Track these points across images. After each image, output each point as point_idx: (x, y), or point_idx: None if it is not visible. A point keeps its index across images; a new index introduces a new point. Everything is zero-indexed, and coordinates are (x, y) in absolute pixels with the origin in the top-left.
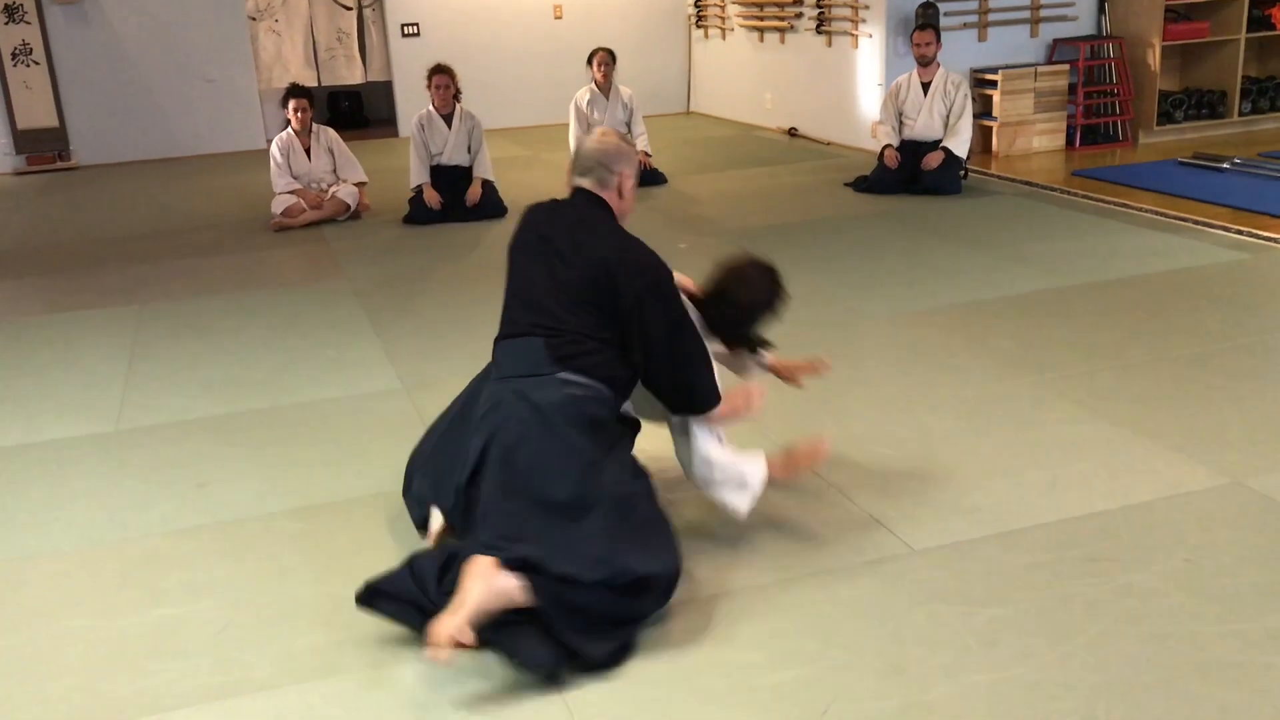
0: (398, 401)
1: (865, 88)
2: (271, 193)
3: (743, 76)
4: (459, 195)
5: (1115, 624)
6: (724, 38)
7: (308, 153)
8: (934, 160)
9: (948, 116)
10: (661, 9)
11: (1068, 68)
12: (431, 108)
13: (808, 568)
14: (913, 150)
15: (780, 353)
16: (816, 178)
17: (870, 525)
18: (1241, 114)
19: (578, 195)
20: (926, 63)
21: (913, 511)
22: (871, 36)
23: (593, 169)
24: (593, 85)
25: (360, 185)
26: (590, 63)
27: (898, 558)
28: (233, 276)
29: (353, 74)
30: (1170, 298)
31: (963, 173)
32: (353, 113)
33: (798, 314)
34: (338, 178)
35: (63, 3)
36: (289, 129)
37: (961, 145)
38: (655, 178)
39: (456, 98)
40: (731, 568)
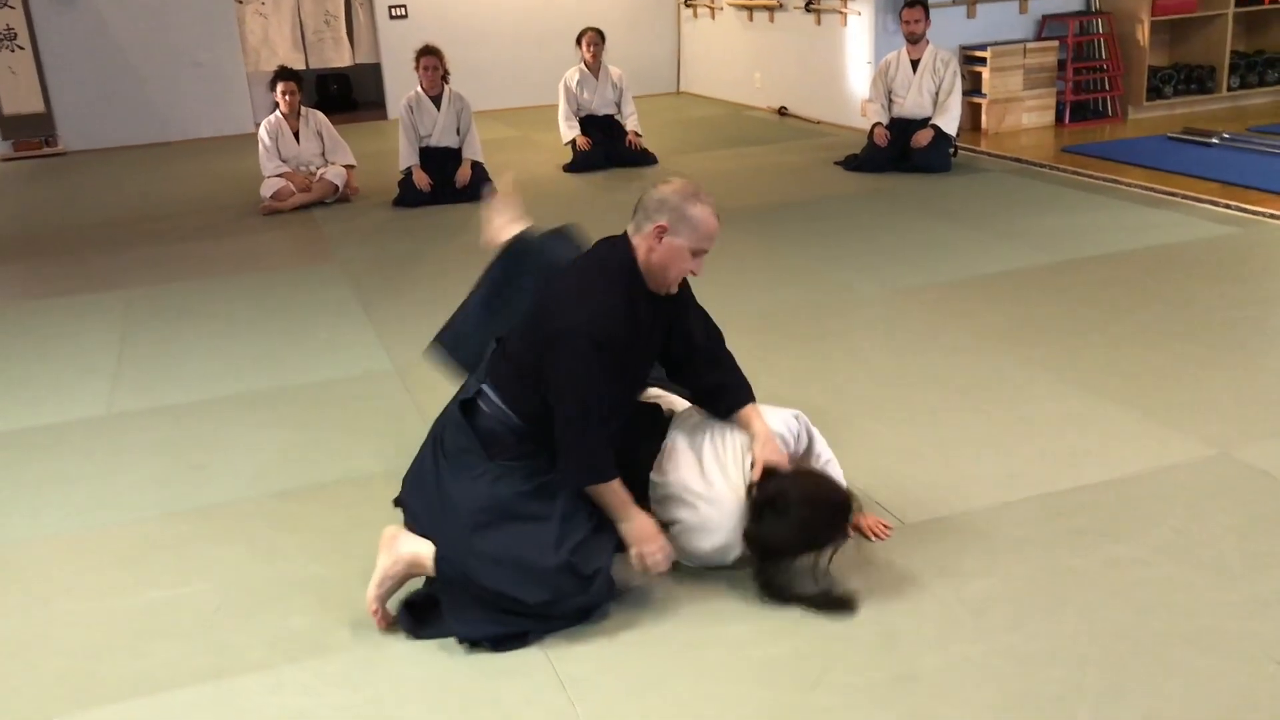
0: (389, 383)
1: (855, 66)
2: (260, 176)
3: (732, 56)
4: (448, 177)
5: (1103, 594)
6: (713, 17)
7: (296, 136)
8: (923, 138)
9: (937, 94)
10: None
11: (1057, 44)
12: (420, 89)
13: None
14: (902, 128)
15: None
16: (806, 157)
17: (861, 499)
18: (1230, 89)
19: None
20: (916, 40)
21: (902, 485)
22: (860, 14)
23: (636, 210)
24: (582, 65)
25: (349, 168)
26: (579, 42)
27: (888, 531)
28: (223, 260)
29: (340, 56)
30: (1159, 272)
31: (952, 150)
32: (341, 96)
33: (788, 292)
34: (326, 161)
35: None
36: (277, 112)
37: (951, 123)
38: (645, 158)
39: (445, 79)
40: None
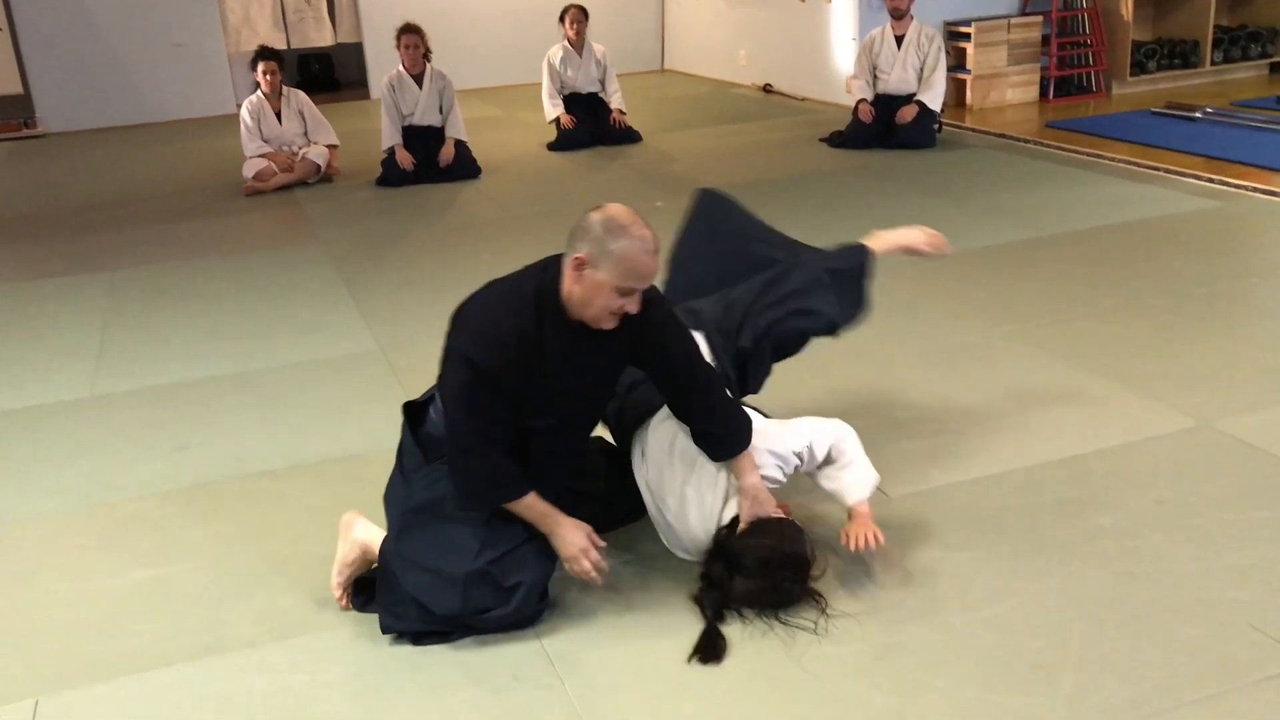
0: (373, 363)
1: (839, 42)
2: (242, 157)
3: (717, 33)
4: (432, 156)
5: (1087, 564)
6: None
7: (278, 116)
8: (908, 114)
9: (921, 70)
10: None
11: (1041, 19)
12: (402, 68)
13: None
14: (887, 104)
15: None
16: (792, 134)
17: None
18: (1214, 63)
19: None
20: (900, 16)
21: (888, 459)
22: None
23: (571, 233)
24: (565, 43)
25: (332, 148)
26: (562, 20)
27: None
28: (205, 241)
29: (322, 36)
30: (1143, 246)
31: (937, 126)
32: (323, 75)
33: None
34: (309, 140)
35: None
36: (259, 92)
37: (935, 99)
38: (630, 136)
39: (426, 57)
40: None
